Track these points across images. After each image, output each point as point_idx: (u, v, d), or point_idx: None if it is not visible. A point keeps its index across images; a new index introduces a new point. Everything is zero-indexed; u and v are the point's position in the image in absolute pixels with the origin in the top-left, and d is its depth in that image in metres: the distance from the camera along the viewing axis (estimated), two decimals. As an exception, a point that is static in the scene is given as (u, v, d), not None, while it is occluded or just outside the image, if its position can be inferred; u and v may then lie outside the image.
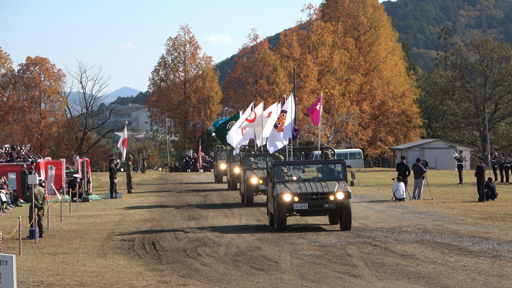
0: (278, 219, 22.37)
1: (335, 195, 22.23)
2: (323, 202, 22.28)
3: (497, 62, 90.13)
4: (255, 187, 31.49)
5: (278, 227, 22.44)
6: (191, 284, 14.91)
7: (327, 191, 22.26)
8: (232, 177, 40.29)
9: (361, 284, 14.68)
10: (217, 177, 47.88)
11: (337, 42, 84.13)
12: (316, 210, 22.53)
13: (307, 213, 22.73)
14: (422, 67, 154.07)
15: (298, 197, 22.21)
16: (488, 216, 25.97)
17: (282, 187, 22.45)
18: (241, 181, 33.24)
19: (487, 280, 14.68)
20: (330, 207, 22.33)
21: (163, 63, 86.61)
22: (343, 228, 22.40)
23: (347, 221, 22.35)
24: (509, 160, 43.77)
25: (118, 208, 32.08)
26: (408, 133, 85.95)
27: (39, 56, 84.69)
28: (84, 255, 18.96)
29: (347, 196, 22.32)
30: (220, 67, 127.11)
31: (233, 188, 40.22)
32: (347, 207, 22.26)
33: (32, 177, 22.28)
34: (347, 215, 22.26)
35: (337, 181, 22.70)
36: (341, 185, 22.56)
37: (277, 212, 22.33)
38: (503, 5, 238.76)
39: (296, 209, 22.39)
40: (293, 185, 22.53)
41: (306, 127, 71.98)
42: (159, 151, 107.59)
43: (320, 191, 22.26)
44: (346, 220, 22.33)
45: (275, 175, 23.04)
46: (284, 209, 22.31)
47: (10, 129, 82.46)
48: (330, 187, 22.40)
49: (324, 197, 22.27)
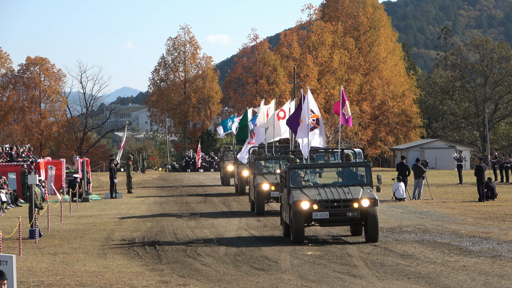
0: (295, 230, 19.84)
1: (359, 202, 19.80)
2: (346, 211, 19.84)
3: (497, 62, 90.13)
4: (266, 194, 28.39)
5: (295, 239, 19.94)
6: (191, 284, 14.91)
7: (350, 197, 19.82)
8: (240, 180, 37.40)
9: (361, 284, 14.68)
10: (224, 179, 45.10)
11: (337, 42, 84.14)
12: (338, 219, 20.09)
13: (328, 222, 20.27)
14: (422, 67, 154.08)
15: (318, 205, 19.73)
16: (488, 216, 25.97)
17: (299, 194, 19.96)
18: (250, 187, 30.30)
19: (487, 280, 14.68)
20: (353, 216, 19.89)
21: (163, 63, 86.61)
22: (369, 239, 19.97)
23: (374, 232, 19.91)
24: (509, 160, 43.76)
25: (118, 208, 32.09)
26: (408, 133, 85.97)
27: (39, 56, 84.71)
28: (84, 255, 18.96)
29: (373, 203, 19.86)
30: (220, 67, 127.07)
31: (241, 192, 37.34)
32: (373, 216, 19.84)
33: (32, 177, 22.29)
34: (373, 225, 19.83)
35: (361, 186, 20.34)
36: (366, 190, 20.15)
37: (293, 222, 19.83)
38: (503, 5, 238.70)
39: (316, 219, 19.90)
40: (311, 191, 20.09)
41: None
42: (159, 151, 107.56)
43: (343, 198, 19.80)
44: (373, 231, 19.89)
45: (291, 179, 20.63)
46: (302, 219, 19.78)
47: (10, 129, 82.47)
48: (354, 193, 19.98)
49: (347, 205, 19.82)
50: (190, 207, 32.20)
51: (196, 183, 48.52)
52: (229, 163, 43.73)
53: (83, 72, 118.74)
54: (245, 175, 35.81)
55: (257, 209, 28.17)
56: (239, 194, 37.31)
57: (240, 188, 37.45)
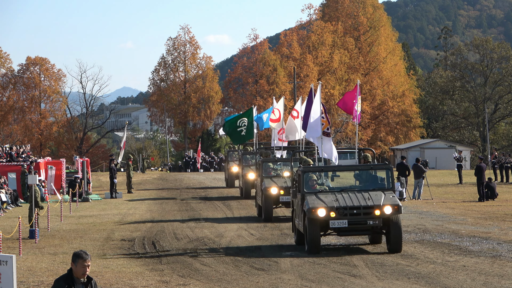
0: (310, 240, 18.16)
1: (381, 209, 18.07)
2: (367, 218, 18.10)
3: (497, 62, 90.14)
4: (275, 199, 26.36)
5: (310, 249, 18.23)
6: (191, 284, 14.91)
7: (371, 204, 18.10)
8: (245, 183, 35.18)
9: (361, 284, 14.68)
10: (229, 180, 42.88)
11: (337, 42, 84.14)
12: (357, 228, 18.34)
13: (347, 232, 18.43)
14: (422, 67, 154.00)
15: (336, 212, 17.98)
16: (488, 216, 25.96)
17: (314, 200, 18.27)
18: (257, 191, 28.05)
19: (487, 280, 14.68)
20: (375, 224, 18.18)
21: (163, 63, 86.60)
22: (392, 250, 18.22)
23: (397, 242, 18.20)
24: (509, 160, 43.76)
25: (118, 208, 32.07)
26: (408, 133, 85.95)
27: (39, 56, 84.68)
28: (84, 255, 18.93)
29: (397, 210, 18.18)
30: (220, 67, 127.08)
31: (246, 196, 35.03)
32: (397, 224, 18.17)
33: (32, 177, 22.30)
34: (396, 234, 18.14)
35: (382, 191, 18.62)
36: (388, 196, 18.43)
37: (308, 230, 18.13)
38: (503, 5, 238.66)
39: (333, 227, 18.16)
40: (328, 196, 18.37)
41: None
42: (159, 151, 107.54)
43: (363, 205, 18.07)
44: (396, 241, 18.19)
45: (305, 184, 18.94)
46: (318, 227, 18.14)
47: (10, 129, 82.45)
48: (375, 199, 18.24)
49: (368, 212, 18.09)
50: (191, 208, 32.15)
51: (197, 183, 48.31)
52: (234, 164, 41.53)
53: (83, 72, 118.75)
54: (251, 178, 33.99)
55: (264, 215, 26.20)
56: (244, 198, 35.16)
57: (245, 192, 35.34)
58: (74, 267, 8.74)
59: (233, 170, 41.38)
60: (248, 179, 34.68)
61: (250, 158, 36.13)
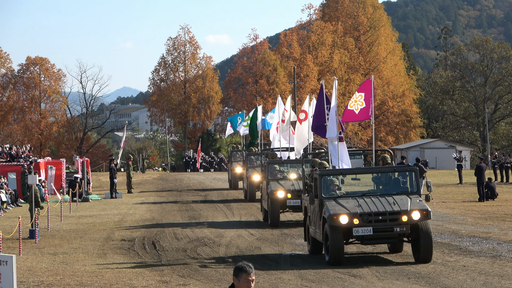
0: (333, 250, 16.52)
1: (409, 215, 16.53)
2: (393, 225, 16.56)
3: (497, 62, 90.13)
4: (281, 203, 24.87)
5: (333, 259, 16.64)
6: (191, 284, 14.90)
7: (397, 209, 16.56)
8: (250, 186, 33.80)
9: (361, 284, 14.67)
10: (232, 182, 41.32)
11: (337, 42, 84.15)
12: (383, 236, 16.76)
13: (372, 240, 16.91)
14: (422, 67, 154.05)
15: (359, 219, 16.48)
16: (488, 216, 25.96)
17: (335, 205, 16.74)
18: (263, 194, 26.60)
19: (487, 280, 14.68)
20: (402, 231, 16.62)
21: (163, 63, 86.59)
22: (422, 260, 16.68)
23: (427, 251, 16.63)
24: (509, 160, 43.76)
25: (118, 208, 32.08)
26: (408, 133, 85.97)
27: (39, 56, 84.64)
28: (84, 255, 18.96)
29: (425, 216, 16.61)
30: (220, 67, 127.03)
31: (250, 199, 33.71)
32: (426, 231, 16.56)
33: (32, 177, 22.30)
34: (427, 242, 16.55)
35: (406, 195, 17.14)
36: (415, 200, 16.91)
37: (331, 239, 16.53)
38: (503, 5, 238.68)
39: (357, 235, 16.65)
40: (349, 202, 16.84)
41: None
42: (159, 151, 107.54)
43: (389, 210, 16.55)
44: (426, 250, 16.60)
45: (323, 188, 17.41)
46: (341, 235, 16.56)
47: (10, 129, 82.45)
48: (401, 204, 16.73)
49: (394, 218, 16.57)
50: (191, 208, 32.13)
51: (197, 183, 48.26)
52: (238, 165, 40.10)
53: (83, 72, 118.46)
54: (256, 180, 32.47)
55: (271, 220, 24.75)
56: (248, 201, 33.81)
57: (250, 194, 33.94)
58: (237, 282, 7.80)
59: (237, 171, 40.11)
60: (253, 181, 33.26)
61: (255, 159, 35.07)
